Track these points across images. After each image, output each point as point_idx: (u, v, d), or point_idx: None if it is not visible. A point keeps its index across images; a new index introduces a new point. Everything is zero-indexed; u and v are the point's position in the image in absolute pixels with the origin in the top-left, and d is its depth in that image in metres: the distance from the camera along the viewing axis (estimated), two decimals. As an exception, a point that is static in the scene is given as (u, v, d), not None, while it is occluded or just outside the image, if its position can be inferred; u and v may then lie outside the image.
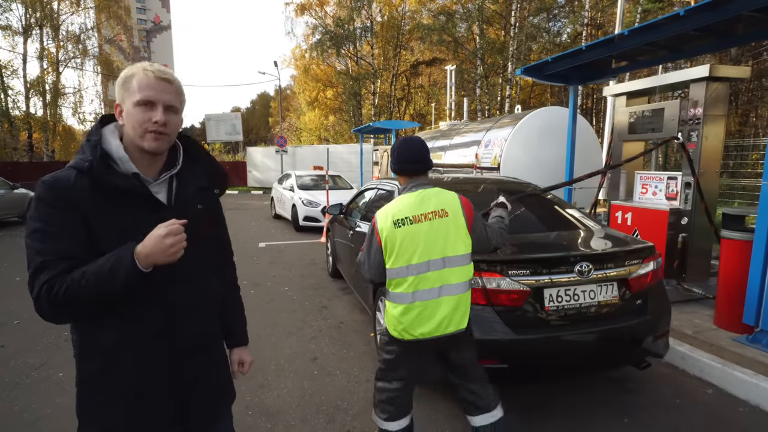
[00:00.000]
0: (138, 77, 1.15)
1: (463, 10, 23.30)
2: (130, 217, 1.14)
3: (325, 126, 34.86)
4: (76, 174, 1.11)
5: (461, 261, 2.00)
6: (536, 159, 6.96)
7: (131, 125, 1.15)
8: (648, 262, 2.80)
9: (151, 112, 1.14)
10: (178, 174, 1.27)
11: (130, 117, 1.15)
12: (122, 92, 1.17)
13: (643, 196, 4.94)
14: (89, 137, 1.17)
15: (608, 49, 5.04)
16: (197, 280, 1.28)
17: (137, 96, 1.14)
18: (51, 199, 1.09)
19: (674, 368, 3.40)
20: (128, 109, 1.16)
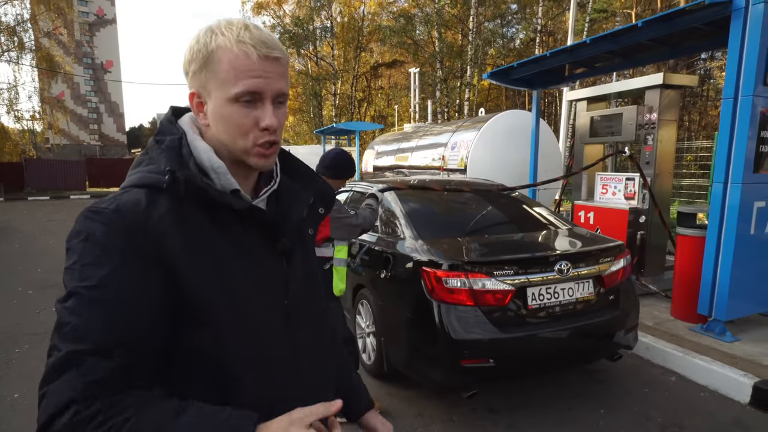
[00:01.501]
0: (231, 55, 0.73)
1: (422, 14, 23.65)
2: (241, 251, 0.77)
3: (285, 127, 34.22)
4: (148, 194, 0.72)
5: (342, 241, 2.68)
6: (502, 160, 7.17)
7: (227, 130, 0.76)
8: (619, 260, 2.96)
9: (256, 110, 0.75)
10: (277, 192, 0.90)
11: (223, 118, 0.76)
12: (203, 75, 0.75)
13: (604, 196, 5.21)
14: (161, 137, 0.79)
15: (570, 55, 5.28)
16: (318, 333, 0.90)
17: (236, 87, 0.73)
18: (109, 240, 0.67)
19: (640, 358, 3.61)
20: (219, 104, 0.75)
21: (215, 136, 0.79)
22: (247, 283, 0.76)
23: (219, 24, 0.75)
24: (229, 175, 0.78)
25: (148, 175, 0.74)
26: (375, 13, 27.18)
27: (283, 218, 0.86)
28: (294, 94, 31.23)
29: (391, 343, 3.00)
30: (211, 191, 0.74)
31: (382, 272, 3.08)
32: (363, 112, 31.85)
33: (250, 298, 0.76)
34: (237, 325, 0.73)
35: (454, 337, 2.48)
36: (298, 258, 0.87)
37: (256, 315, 0.76)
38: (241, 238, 0.78)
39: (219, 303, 0.72)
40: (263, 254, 0.81)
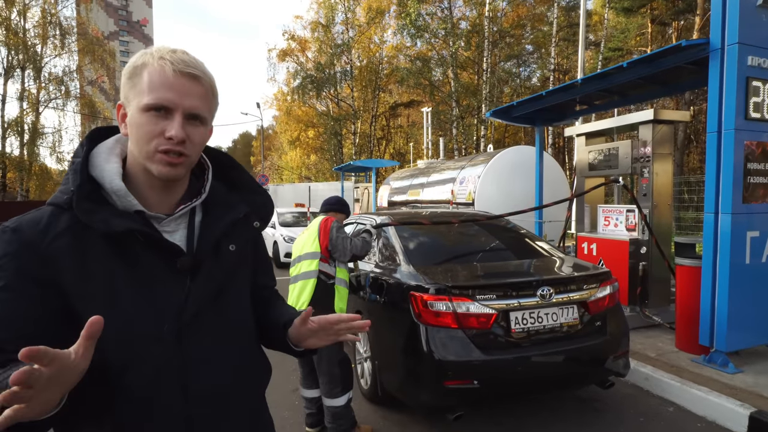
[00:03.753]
0: (151, 68, 0.78)
1: (437, 56, 24.67)
2: (133, 273, 0.80)
3: (306, 165, 35.39)
4: (51, 213, 0.78)
5: (308, 256, 2.89)
6: (507, 194, 7.35)
7: (136, 139, 0.80)
8: (605, 286, 3.05)
9: (165, 121, 0.79)
10: (205, 204, 0.92)
11: (135, 125, 0.79)
12: (127, 88, 0.81)
13: (606, 227, 5.28)
14: (73, 158, 0.83)
15: (566, 94, 5.54)
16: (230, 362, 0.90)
17: (146, 97, 0.77)
18: (8, 249, 0.74)
19: (638, 389, 3.59)
20: (133, 113, 0.79)
21: (130, 148, 0.83)
22: (134, 306, 0.78)
23: (151, 48, 0.82)
24: (130, 197, 0.81)
25: (57, 195, 0.80)
26: (392, 56, 28.49)
27: (199, 234, 0.88)
28: (315, 134, 32.48)
29: (384, 367, 3.13)
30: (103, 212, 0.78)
31: (377, 298, 3.26)
32: (382, 149, 32.74)
33: (134, 320, 0.78)
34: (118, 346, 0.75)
35: (438, 358, 2.61)
36: (206, 274, 0.86)
37: (138, 338, 0.77)
38: (139, 258, 0.80)
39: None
40: (161, 273, 0.82)
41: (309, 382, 3.02)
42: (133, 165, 0.84)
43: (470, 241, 3.78)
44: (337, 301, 2.88)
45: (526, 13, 25.98)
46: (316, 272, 2.84)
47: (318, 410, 2.98)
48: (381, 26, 28.20)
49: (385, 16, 27.68)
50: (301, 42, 29.61)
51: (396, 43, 28.26)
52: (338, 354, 2.86)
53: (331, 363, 2.81)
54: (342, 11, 28.13)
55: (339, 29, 28.41)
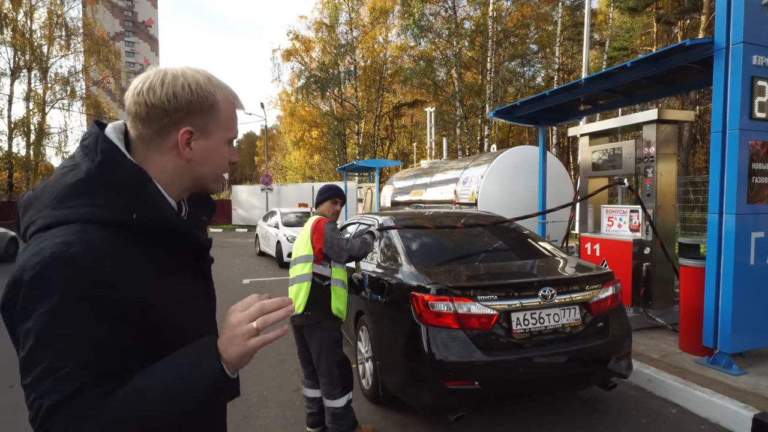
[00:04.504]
0: (228, 105, 0.89)
1: (441, 56, 24.63)
2: (183, 275, 0.88)
3: (310, 165, 35.44)
4: (109, 233, 0.75)
5: (302, 259, 2.91)
6: (510, 194, 7.33)
7: (212, 164, 0.89)
8: (607, 287, 3.03)
9: (231, 150, 0.92)
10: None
11: (214, 154, 0.89)
12: (201, 119, 0.85)
13: (609, 228, 5.25)
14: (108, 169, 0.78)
15: (569, 94, 5.52)
16: None
17: (232, 133, 0.90)
18: (86, 288, 0.70)
19: (641, 390, 3.57)
20: (215, 144, 0.88)
21: (194, 168, 0.88)
22: (195, 306, 0.89)
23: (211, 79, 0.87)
24: (175, 208, 0.89)
25: (103, 212, 0.76)
26: (396, 56, 28.48)
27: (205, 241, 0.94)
28: (319, 134, 32.52)
29: (386, 367, 3.13)
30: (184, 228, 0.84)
31: (379, 298, 3.26)
32: (386, 149, 32.74)
33: (196, 320, 0.89)
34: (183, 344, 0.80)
35: (439, 359, 2.61)
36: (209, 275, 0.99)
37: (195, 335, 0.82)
38: (185, 266, 0.88)
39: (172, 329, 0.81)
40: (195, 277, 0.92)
41: (311, 382, 3.03)
42: (176, 182, 0.88)
43: (473, 242, 3.77)
44: (334, 301, 2.86)
45: (530, 12, 25.89)
46: (309, 275, 2.85)
47: (319, 410, 2.99)
48: (385, 26, 28.21)
49: (389, 16, 27.68)
50: (305, 42, 29.67)
51: (400, 43, 28.26)
52: (337, 355, 2.86)
53: (330, 364, 2.81)
54: (346, 11, 28.15)
55: (343, 29, 28.44)
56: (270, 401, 3.52)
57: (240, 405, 3.40)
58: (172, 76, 0.83)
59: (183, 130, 0.84)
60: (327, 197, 3.10)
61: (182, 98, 0.82)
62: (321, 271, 2.86)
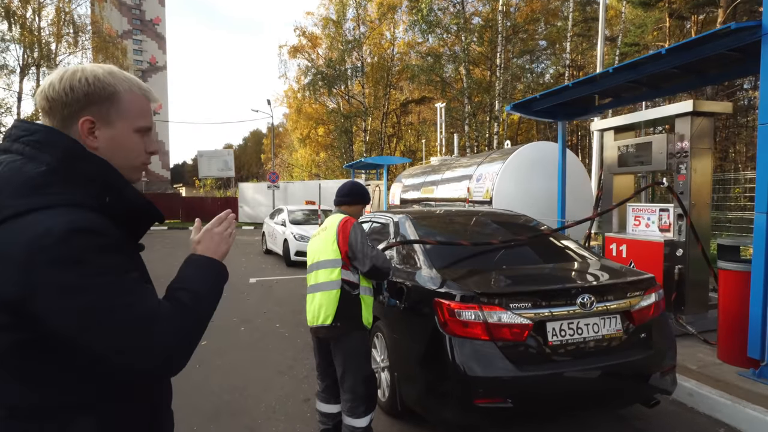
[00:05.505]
0: (131, 96, 0.94)
1: (449, 52, 24.27)
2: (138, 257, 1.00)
3: (316, 162, 35.23)
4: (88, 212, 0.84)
5: (328, 264, 2.55)
6: (527, 192, 7.03)
7: (125, 155, 0.94)
8: (650, 294, 2.75)
9: (146, 139, 0.97)
10: None
11: (122, 143, 0.93)
12: (101, 109, 0.90)
13: (636, 227, 4.95)
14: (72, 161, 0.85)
15: (593, 86, 5.22)
16: None
17: (140, 122, 0.95)
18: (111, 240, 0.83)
19: (682, 405, 3.28)
20: (121, 133, 0.93)
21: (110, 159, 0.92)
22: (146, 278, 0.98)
23: (111, 70, 0.94)
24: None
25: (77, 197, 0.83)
26: (404, 52, 28.15)
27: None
28: (325, 131, 32.31)
29: (404, 379, 2.87)
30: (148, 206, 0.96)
31: (397, 304, 3.00)
32: (393, 147, 32.43)
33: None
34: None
35: (468, 374, 2.34)
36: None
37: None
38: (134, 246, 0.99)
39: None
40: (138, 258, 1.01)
41: (328, 396, 2.74)
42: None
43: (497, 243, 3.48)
44: (364, 312, 2.55)
45: (540, 7, 25.44)
46: (338, 282, 2.50)
47: (334, 428, 2.72)
48: (392, 22, 27.87)
49: (397, 12, 27.33)
50: (312, 38, 29.42)
51: (408, 40, 27.92)
52: (365, 370, 2.56)
53: (355, 380, 2.52)
54: (353, 7, 27.85)
55: (350, 25, 28.15)
56: (278, 413, 3.27)
57: (245, 417, 3.16)
58: (72, 71, 0.90)
59: (82, 120, 0.89)
60: (360, 201, 2.79)
61: (79, 90, 0.88)
62: (350, 277, 2.52)
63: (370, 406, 2.56)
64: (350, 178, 19.52)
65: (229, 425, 3.08)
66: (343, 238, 2.52)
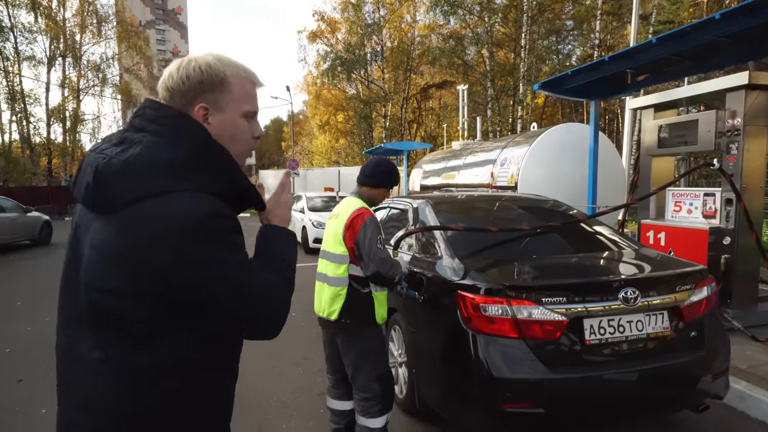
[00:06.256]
0: (240, 81, 0.98)
1: (472, 34, 23.49)
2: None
3: (335, 149, 35.07)
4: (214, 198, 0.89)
5: (335, 258, 2.33)
6: (554, 176, 6.64)
7: (233, 139, 0.98)
8: (701, 288, 2.44)
9: (252, 124, 1.02)
10: None
11: (231, 128, 0.98)
12: (213, 95, 0.95)
13: (677, 214, 4.56)
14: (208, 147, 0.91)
15: (632, 60, 4.79)
16: None
17: (248, 106, 0.99)
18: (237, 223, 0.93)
19: (732, 410, 2.97)
20: (230, 117, 0.97)
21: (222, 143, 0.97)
22: None
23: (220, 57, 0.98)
24: None
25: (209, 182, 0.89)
26: (425, 35, 27.47)
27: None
28: (345, 118, 32.05)
29: (423, 377, 2.65)
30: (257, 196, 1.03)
31: (416, 295, 2.77)
32: (413, 133, 31.94)
33: None
34: None
35: (495, 376, 2.11)
36: None
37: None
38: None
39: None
40: None
41: (338, 392, 2.54)
42: None
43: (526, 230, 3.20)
44: (378, 309, 2.33)
45: (568, -16, 24.27)
46: (345, 279, 2.28)
47: (347, 427, 2.54)
48: (413, 4, 27.16)
49: (418, -6, 26.62)
50: (330, 23, 29.00)
51: (428, 22, 27.18)
52: (379, 368, 2.34)
53: (369, 378, 2.31)
54: (373, -10, 27.27)
55: (369, 9, 27.58)
56: (290, 408, 3.13)
57: (255, 413, 3.01)
58: (187, 61, 0.96)
59: (197, 107, 0.94)
60: (386, 183, 2.46)
61: (194, 78, 0.93)
62: (359, 273, 2.28)
63: (386, 405, 2.35)
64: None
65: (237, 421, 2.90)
66: (350, 235, 2.27)
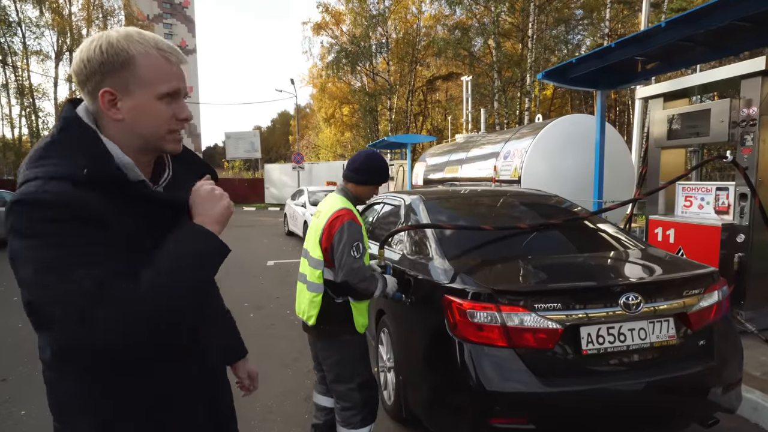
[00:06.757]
0: (150, 60, 0.87)
1: (478, 25, 23.04)
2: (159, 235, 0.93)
3: (341, 142, 34.87)
4: (69, 186, 0.81)
5: (311, 262, 2.21)
6: (560, 170, 6.41)
7: (149, 123, 0.90)
8: (711, 292, 2.24)
9: (174, 105, 0.91)
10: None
11: (146, 113, 0.89)
12: (120, 77, 0.86)
13: (687, 209, 4.33)
14: (67, 132, 0.85)
15: (640, 46, 4.52)
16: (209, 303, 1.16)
17: (162, 87, 0.88)
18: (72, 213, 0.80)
19: (744, 421, 2.77)
20: (142, 102, 0.88)
21: (136, 130, 0.90)
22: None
23: (128, 32, 0.87)
24: (137, 170, 0.90)
25: (62, 169, 0.81)
26: (430, 26, 27.05)
27: (179, 200, 0.97)
28: (350, 111, 31.80)
29: (410, 385, 2.50)
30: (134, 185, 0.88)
31: (403, 298, 2.60)
32: (419, 126, 31.60)
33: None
34: None
35: (483, 388, 1.94)
36: None
37: None
38: (155, 222, 0.90)
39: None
40: (167, 230, 0.91)
41: (324, 387, 2.40)
42: (124, 143, 0.90)
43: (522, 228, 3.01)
44: (357, 317, 2.18)
45: (577, -28, 23.68)
46: (321, 286, 2.15)
47: (326, 424, 2.39)
48: (418, -6, 26.73)
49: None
50: (335, 15, 28.68)
51: (434, 13, 26.74)
52: (359, 375, 2.18)
53: (348, 386, 2.16)
54: (378, -20, 26.85)
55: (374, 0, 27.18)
56: (275, 413, 2.99)
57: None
58: (89, 41, 0.87)
59: (101, 92, 0.86)
60: (375, 181, 2.26)
61: (94, 61, 0.85)
62: (330, 277, 2.15)
63: (369, 416, 2.21)
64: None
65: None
66: (327, 237, 2.12)
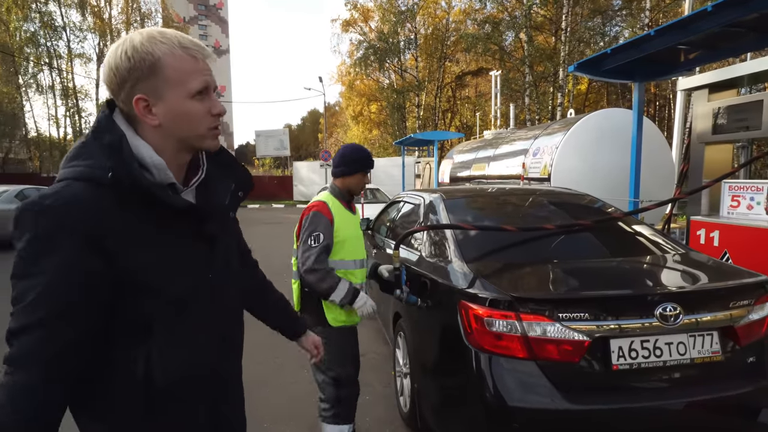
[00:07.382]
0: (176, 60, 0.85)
1: (509, 18, 22.45)
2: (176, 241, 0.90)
3: (369, 140, 34.91)
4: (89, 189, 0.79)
5: (294, 252, 2.29)
6: (592, 167, 6.09)
7: (186, 124, 0.88)
8: (763, 304, 2.00)
9: (207, 101, 0.89)
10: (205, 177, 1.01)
11: (181, 114, 0.87)
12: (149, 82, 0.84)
13: (734, 209, 3.99)
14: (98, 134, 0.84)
15: (683, 33, 4.20)
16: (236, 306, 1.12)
17: (192, 85, 0.86)
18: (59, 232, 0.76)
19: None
20: (175, 104, 0.86)
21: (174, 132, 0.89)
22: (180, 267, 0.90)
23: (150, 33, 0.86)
24: (169, 171, 0.89)
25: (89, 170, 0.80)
26: (460, 21, 26.60)
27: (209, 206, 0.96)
28: (378, 108, 31.76)
29: (425, 393, 2.37)
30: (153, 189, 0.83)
31: (418, 302, 2.48)
32: (448, 122, 31.22)
33: (180, 285, 0.89)
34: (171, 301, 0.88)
35: (501, 403, 1.80)
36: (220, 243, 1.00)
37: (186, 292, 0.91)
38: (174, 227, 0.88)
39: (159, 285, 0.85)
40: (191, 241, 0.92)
41: None
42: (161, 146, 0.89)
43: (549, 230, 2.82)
44: (327, 311, 2.18)
45: (615, -40, 22.65)
46: (297, 273, 2.22)
47: None
48: (448, -11, 26.34)
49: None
50: (363, 12, 28.67)
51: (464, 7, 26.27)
52: (332, 369, 2.18)
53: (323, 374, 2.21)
54: (406, -25, 26.63)
55: (403, -5, 26.99)
56: (286, 417, 2.93)
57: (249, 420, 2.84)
58: (115, 46, 0.85)
59: (135, 99, 0.85)
60: (355, 168, 2.32)
61: (122, 68, 0.83)
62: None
63: (341, 415, 2.20)
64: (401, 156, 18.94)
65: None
66: (299, 228, 2.21)
